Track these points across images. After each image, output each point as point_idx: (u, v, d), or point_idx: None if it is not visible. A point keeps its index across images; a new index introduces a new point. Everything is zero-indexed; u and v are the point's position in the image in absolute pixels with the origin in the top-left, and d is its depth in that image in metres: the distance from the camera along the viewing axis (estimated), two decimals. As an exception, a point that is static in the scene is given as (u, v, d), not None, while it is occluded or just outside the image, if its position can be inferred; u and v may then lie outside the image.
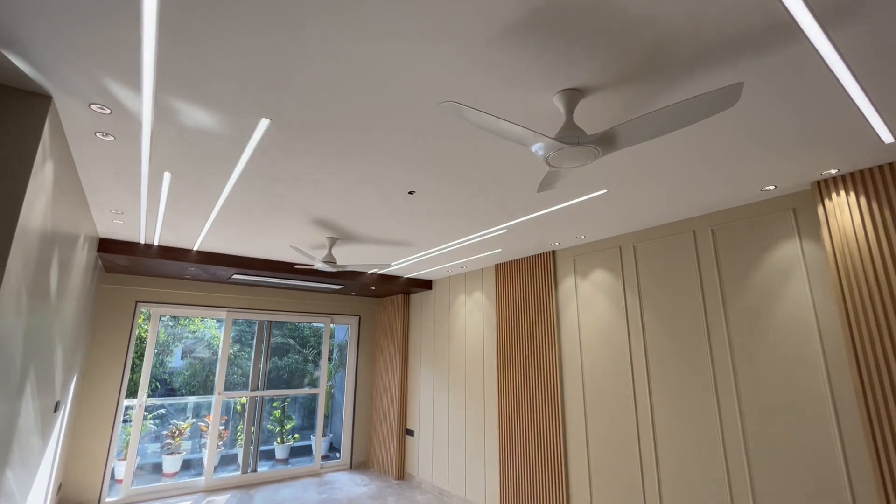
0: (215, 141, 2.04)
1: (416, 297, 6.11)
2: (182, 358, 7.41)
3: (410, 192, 2.67)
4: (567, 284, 3.94)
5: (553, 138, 1.51)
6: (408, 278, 5.58)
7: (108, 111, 1.79)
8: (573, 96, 1.62)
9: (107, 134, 1.99)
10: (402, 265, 4.80)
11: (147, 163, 2.28)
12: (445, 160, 2.22)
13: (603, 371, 3.51)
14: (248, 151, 2.14)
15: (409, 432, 5.76)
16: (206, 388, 7.30)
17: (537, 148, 1.57)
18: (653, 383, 3.16)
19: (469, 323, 5.01)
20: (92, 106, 1.76)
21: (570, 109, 1.64)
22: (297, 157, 2.19)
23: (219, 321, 7.43)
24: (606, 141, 1.52)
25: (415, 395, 5.79)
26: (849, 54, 1.43)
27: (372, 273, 5.17)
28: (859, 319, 2.19)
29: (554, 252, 4.10)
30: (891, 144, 2.01)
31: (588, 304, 3.73)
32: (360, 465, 6.25)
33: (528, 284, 4.30)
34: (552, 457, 3.75)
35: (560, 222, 3.24)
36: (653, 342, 3.20)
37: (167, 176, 2.45)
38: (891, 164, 2.19)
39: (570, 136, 1.53)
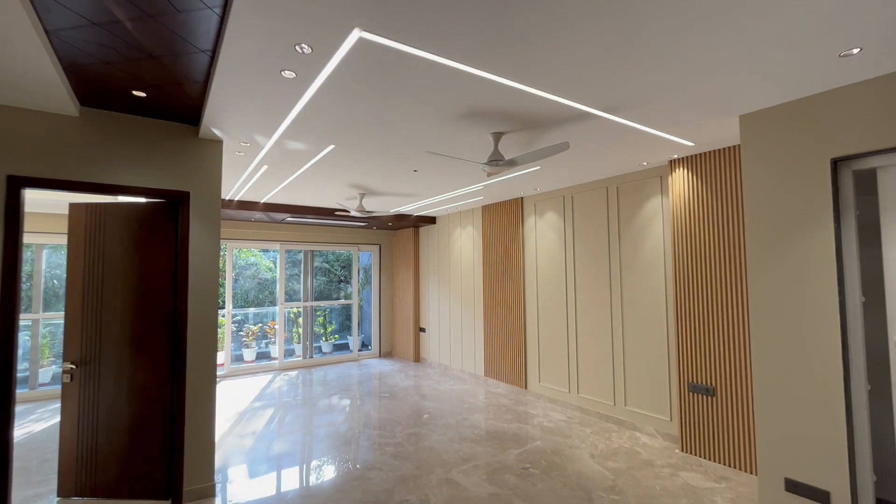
0: (299, 153, 3.54)
1: (424, 230, 7.76)
2: (235, 281, 9.32)
3: (415, 171, 4.16)
4: (530, 222, 5.50)
5: (485, 162, 3.00)
6: (417, 216, 7.16)
7: (248, 144, 3.29)
8: (498, 136, 3.07)
9: (240, 152, 3.50)
10: (411, 208, 6.35)
11: (255, 163, 3.79)
12: (436, 156, 3.69)
13: (549, 280, 5.19)
14: (316, 158, 3.64)
15: (422, 329, 7.74)
16: (258, 303, 9.34)
17: (479, 166, 3.06)
18: (577, 285, 4.84)
19: (463, 248, 6.68)
20: (241, 143, 3.26)
21: (496, 142, 3.09)
22: (344, 157, 3.69)
23: (264, 251, 9.26)
24: (511, 163, 3.00)
25: (425, 302, 7.67)
26: (635, 119, 2.83)
27: (389, 213, 6.76)
28: (681, 246, 3.75)
29: (522, 198, 5.61)
30: (693, 146, 3.42)
31: (542, 235, 5.31)
32: (386, 354, 8.36)
33: (504, 221, 5.87)
34: (516, 336, 5.60)
35: (520, 181, 4.71)
36: (579, 259, 4.84)
37: (264, 167, 3.97)
38: (703, 154, 3.60)
39: (493, 161, 3.01)
